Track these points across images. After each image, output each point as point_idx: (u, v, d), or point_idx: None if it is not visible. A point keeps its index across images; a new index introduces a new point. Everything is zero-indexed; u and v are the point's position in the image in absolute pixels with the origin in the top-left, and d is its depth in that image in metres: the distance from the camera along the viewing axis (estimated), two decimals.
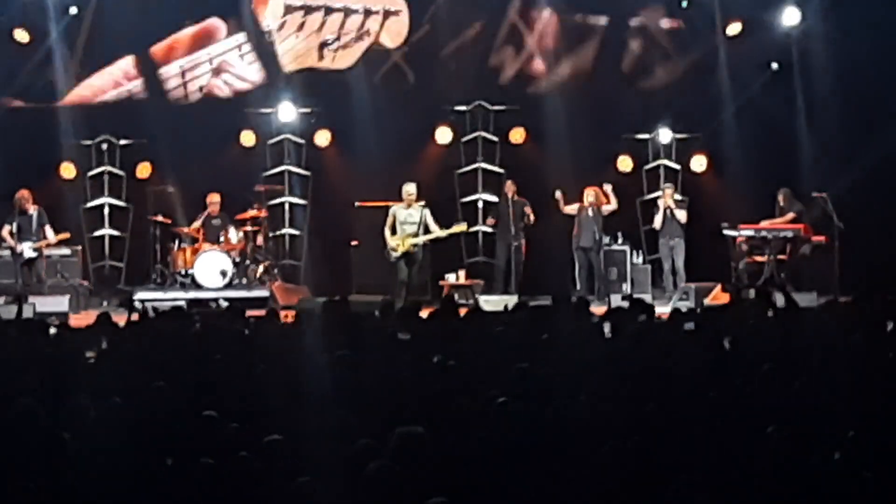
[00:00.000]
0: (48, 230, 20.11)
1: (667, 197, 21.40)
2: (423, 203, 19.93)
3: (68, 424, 8.22)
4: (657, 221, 21.51)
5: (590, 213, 21.18)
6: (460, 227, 20.22)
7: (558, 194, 21.20)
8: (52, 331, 13.24)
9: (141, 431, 8.21)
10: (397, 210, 19.91)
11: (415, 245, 19.75)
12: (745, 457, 7.54)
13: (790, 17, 22.12)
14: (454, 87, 22.87)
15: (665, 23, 22.66)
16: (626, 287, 21.37)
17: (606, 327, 12.95)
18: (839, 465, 7.48)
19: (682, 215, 21.23)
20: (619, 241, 21.82)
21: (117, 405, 8.89)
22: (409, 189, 19.92)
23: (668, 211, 21.29)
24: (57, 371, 10.36)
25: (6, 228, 20.00)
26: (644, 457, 7.48)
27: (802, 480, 7.28)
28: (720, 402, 8.94)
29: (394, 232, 19.85)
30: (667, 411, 8.51)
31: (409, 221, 19.81)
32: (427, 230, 19.80)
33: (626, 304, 15.12)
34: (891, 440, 7.79)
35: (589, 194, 21.20)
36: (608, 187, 21.39)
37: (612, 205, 21.36)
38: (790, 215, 20.71)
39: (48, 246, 20.28)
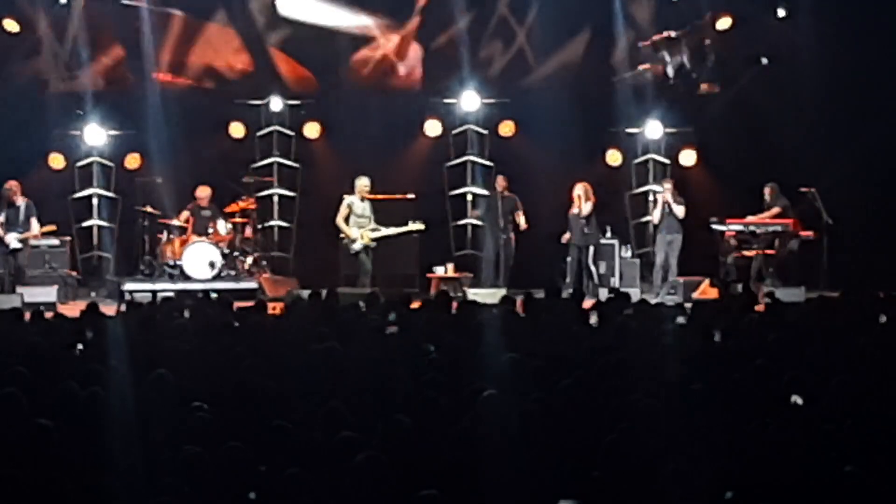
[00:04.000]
0: (34, 222, 20.05)
1: (667, 192, 21.35)
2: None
3: (54, 413, 8.23)
4: (656, 216, 21.47)
5: (576, 210, 21.11)
6: (417, 226, 20.32)
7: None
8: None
9: (128, 421, 8.22)
10: (353, 202, 20.11)
11: (373, 239, 19.97)
12: (731, 448, 7.56)
13: (780, 11, 22.14)
14: (444, 79, 22.88)
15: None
16: (615, 281, 21.39)
17: (593, 318, 12.99)
18: (825, 457, 7.50)
19: (680, 211, 21.13)
20: (608, 235, 21.82)
21: (103, 394, 8.89)
22: (366, 182, 20.31)
23: (666, 206, 21.23)
24: (43, 360, 10.35)
25: None
26: (631, 447, 7.50)
27: (790, 472, 7.31)
28: (707, 395, 8.96)
29: (347, 224, 20.03)
30: (653, 403, 8.52)
31: (364, 214, 20.09)
32: (374, 226, 20.07)
33: (611, 296, 15.18)
34: (878, 433, 7.82)
35: (577, 188, 21.16)
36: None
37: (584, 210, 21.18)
38: (776, 210, 20.71)
39: (34, 238, 20.23)
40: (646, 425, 7.96)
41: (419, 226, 20.40)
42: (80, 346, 11.60)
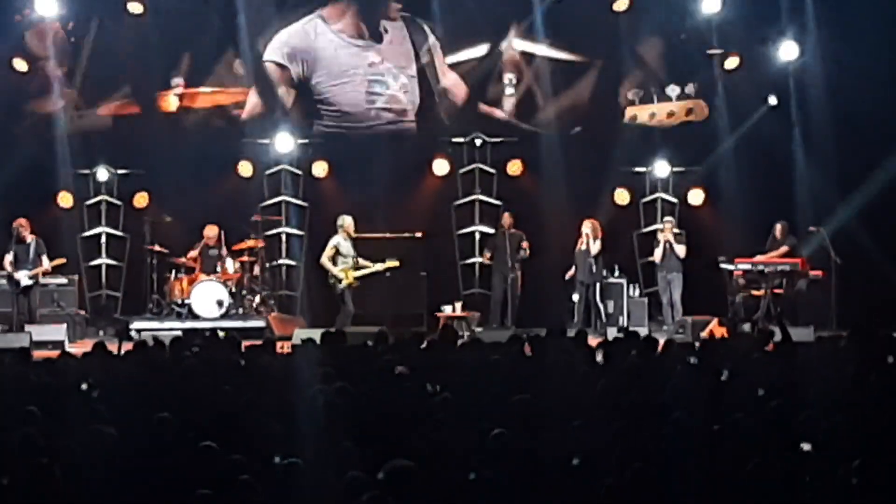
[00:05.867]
0: (44, 259, 20.05)
1: (667, 231, 21.35)
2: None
3: (64, 454, 8.20)
4: (657, 255, 21.47)
5: (582, 246, 21.11)
6: (393, 263, 20.27)
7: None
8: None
9: (135, 461, 8.19)
10: (340, 242, 20.07)
11: (357, 278, 19.96)
12: (739, 489, 7.53)
13: (788, 51, 22.15)
14: (452, 118, 22.91)
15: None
16: (623, 320, 21.35)
17: (599, 356, 12.96)
18: (834, 497, 7.46)
19: (681, 250, 21.16)
20: (616, 273, 21.81)
21: (112, 435, 8.86)
22: (350, 221, 20.29)
23: (667, 245, 21.24)
24: (52, 400, 10.32)
25: (6, 258, 19.94)
26: (640, 490, 7.46)
27: None
28: (716, 435, 8.92)
29: (334, 264, 20.04)
30: (662, 443, 8.49)
31: (349, 254, 20.06)
32: (358, 263, 20.04)
33: (621, 335, 15.12)
34: (887, 473, 7.78)
35: (586, 226, 21.14)
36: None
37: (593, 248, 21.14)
38: (784, 248, 20.68)
39: (45, 273, 20.21)
40: (656, 466, 7.93)
41: (394, 262, 20.33)
42: (84, 386, 11.56)
